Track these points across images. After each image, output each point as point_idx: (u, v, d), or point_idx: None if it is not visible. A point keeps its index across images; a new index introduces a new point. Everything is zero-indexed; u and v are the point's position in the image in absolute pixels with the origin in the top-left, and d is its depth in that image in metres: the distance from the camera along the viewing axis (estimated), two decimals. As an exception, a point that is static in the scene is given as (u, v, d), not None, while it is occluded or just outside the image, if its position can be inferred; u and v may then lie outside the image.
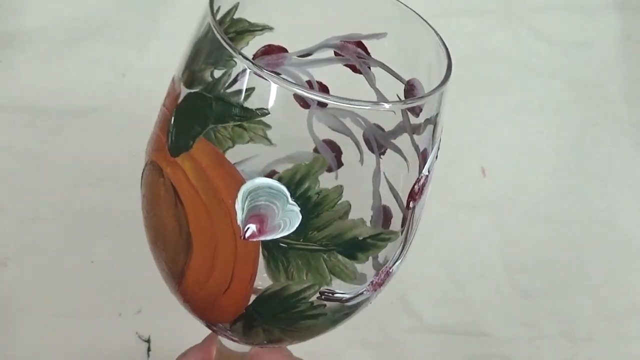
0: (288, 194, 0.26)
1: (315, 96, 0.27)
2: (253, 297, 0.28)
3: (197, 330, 0.56)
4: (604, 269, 0.60)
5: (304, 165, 0.26)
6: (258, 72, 0.26)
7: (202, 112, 0.27)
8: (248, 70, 0.30)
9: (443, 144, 0.33)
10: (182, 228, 0.28)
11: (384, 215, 0.30)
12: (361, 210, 0.29)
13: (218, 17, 0.30)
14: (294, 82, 0.26)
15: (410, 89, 0.31)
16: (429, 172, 0.29)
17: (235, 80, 0.30)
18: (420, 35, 0.30)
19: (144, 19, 0.60)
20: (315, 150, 0.32)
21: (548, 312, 0.58)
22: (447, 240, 0.59)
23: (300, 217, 0.26)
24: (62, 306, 0.50)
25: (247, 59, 0.27)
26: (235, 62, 0.30)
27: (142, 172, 0.31)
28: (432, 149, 0.29)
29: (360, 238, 0.28)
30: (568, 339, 0.58)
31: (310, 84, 0.33)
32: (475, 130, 0.61)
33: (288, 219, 0.26)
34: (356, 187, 0.30)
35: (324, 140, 0.30)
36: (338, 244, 0.27)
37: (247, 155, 0.29)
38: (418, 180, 0.29)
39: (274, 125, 0.27)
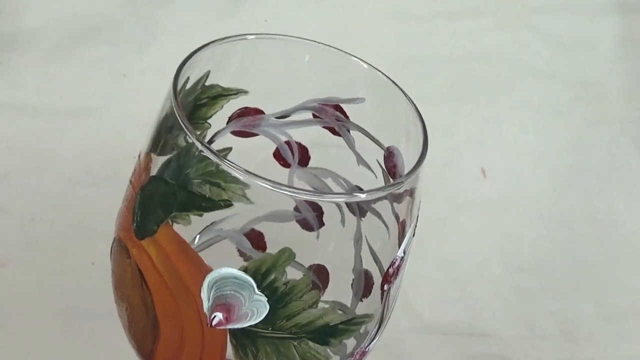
0: (254, 285, 0.25)
1: (278, 189, 0.25)
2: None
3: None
4: (604, 268, 0.60)
5: (271, 257, 0.25)
6: (217, 160, 0.25)
7: (165, 199, 0.26)
8: (224, 132, 0.30)
9: (443, 145, 0.33)
10: (148, 311, 0.27)
11: (366, 279, 0.29)
12: (342, 273, 0.28)
13: (188, 86, 0.29)
14: (246, 169, 0.25)
15: (389, 155, 0.30)
16: (404, 253, 0.28)
17: (211, 141, 0.30)
18: (398, 104, 0.29)
19: (144, 20, 0.60)
20: (296, 209, 0.31)
21: (548, 312, 0.58)
22: (447, 240, 0.58)
23: (268, 307, 0.25)
24: (62, 306, 0.50)
25: (202, 143, 0.25)
26: (210, 125, 0.30)
27: (112, 245, 0.30)
28: (409, 225, 0.28)
29: (332, 324, 0.27)
30: (568, 339, 0.57)
31: (289, 144, 0.32)
32: (475, 130, 0.61)
33: (255, 308, 0.25)
34: (337, 248, 0.29)
35: (305, 200, 0.29)
36: (309, 331, 0.26)
37: (227, 214, 0.29)
38: (393, 262, 0.28)
39: (253, 184, 0.25)
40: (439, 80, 0.61)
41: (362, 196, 0.27)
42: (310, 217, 0.30)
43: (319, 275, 0.28)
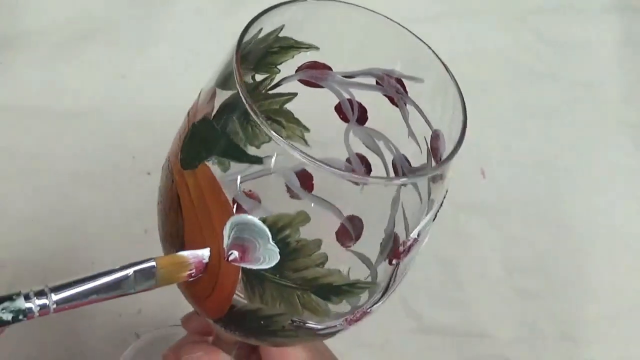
0: (270, 235, 0.27)
1: (320, 168, 0.27)
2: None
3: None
4: (604, 269, 0.60)
5: (288, 216, 0.27)
6: (258, 119, 0.26)
7: (209, 142, 0.28)
8: (292, 79, 0.32)
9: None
10: (179, 233, 0.30)
11: (394, 242, 0.31)
12: (375, 231, 0.30)
13: (261, 35, 0.31)
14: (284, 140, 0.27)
15: (435, 137, 0.31)
16: (418, 235, 0.30)
17: (278, 84, 0.33)
18: (449, 94, 0.31)
19: (144, 20, 0.60)
20: (348, 160, 0.34)
21: (548, 312, 0.58)
22: (447, 240, 0.58)
23: (279, 257, 0.28)
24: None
25: (247, 101, 0.27)
26: (279, 70, 0.32)
27: (164, 162, 0.32)
28: (430, 208, 0.30)
29: (335, 284, 0.29)
30: (568, 340, 0.57)
31: (350, 102, 0.34)
32: (475, 130, 0.61)
33: (268, 256, 0.28)
34: (376, 205, 0.30)
35: (357, 154, 0.32)
36: (313, 286, 0.28)
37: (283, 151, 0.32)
38: (404, 242, 0.29)
39: (314, 130, 0.29)
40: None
41: (400, 180, 0.29)
42: (359, 170, 0.32)
43: (354, 226, 0.30)
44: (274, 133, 0.26)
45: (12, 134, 0.54)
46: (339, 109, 0.34)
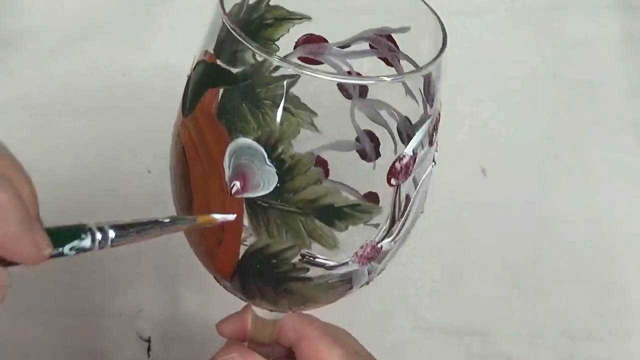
0: (265, 155, 0.28)
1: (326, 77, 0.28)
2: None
3: (197, 330, 0.56)
4: (604, 268, 0.60)
5: (278, 130, 0.28)
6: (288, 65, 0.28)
7: (202, 78, 0.29)
8: (291, 57, 0.32)
9: (443, 143, 0.33)
10: (187, 185, 0.31)
11: (406, 203, 0.31)
12: (389, 200, 0.30)
13: (251, 1, 0.31)
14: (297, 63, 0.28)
15: (427, 83, 0.31)
16: (413, 152, 0.30)
17: (279, 66, 0.32)
18: (431, 27, 0.31)
19: (143, 19, 0.60)
20: (357, 139, 0.33)
21: (548, 311, 0.58)
22: (447, 240, 0.59)
23: (277, 178, 0.28)
24: (62, 306, 0.50)
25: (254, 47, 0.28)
26: (278, 47, 0.33)
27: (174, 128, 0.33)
28: (422, 124, 0.30)
29: (337, 206, 0.29)
30: (568, 338, 0.57)
31: (350, 74, 0.35)
32: (475, 130, 0.61)
33: (266, 178, 0.28)
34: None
35: (365, 130, 0.32)
36: (314, 208, 0.29)
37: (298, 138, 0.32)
38: (400, 158, 0.30)
39: (321, 113, 0.29)
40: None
41: (389, 78, 0.29)
42: (369, 147, 0.32)
43: (369, 201, 0.30)
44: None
45: (11, 134, 0.54)
46: (341, 85, 0.34)
